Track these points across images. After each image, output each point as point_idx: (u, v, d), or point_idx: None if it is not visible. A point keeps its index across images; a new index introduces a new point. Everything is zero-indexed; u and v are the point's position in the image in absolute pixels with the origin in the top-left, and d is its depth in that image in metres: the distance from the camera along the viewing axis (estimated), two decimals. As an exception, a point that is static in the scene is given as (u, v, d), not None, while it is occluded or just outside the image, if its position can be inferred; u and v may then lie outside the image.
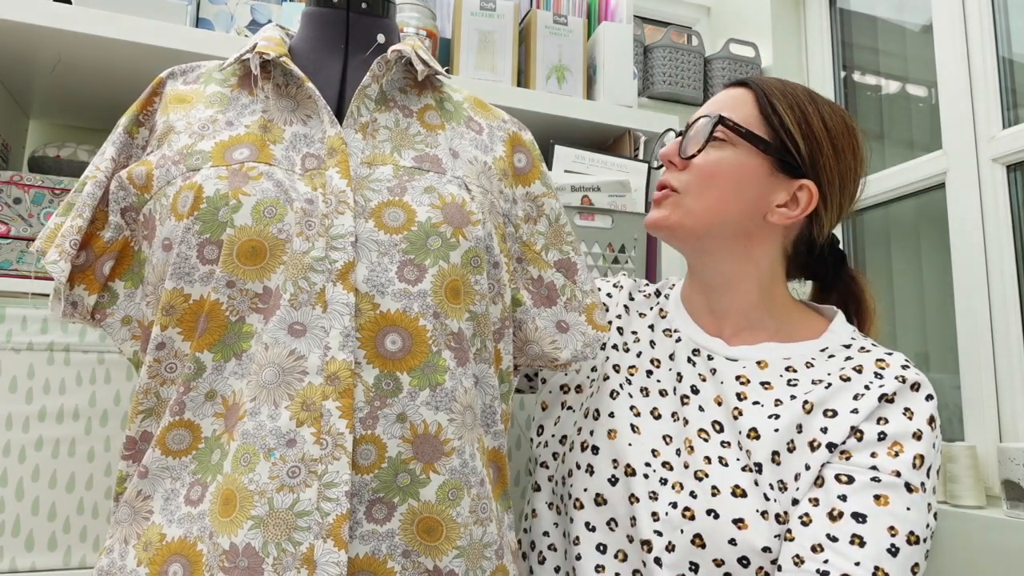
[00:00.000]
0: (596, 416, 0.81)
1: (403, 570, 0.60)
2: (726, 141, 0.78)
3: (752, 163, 0.78)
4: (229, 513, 0.57)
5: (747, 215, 0.79)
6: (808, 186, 0.78)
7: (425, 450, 0.62)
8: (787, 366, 0.77)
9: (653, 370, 0.83)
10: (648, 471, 0.75)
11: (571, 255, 0.80)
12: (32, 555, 0.88)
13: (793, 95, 0.79)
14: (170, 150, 0.69)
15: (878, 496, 0.66)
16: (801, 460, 0.70)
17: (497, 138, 0.79)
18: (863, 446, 0.69)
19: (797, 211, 0.78)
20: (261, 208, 0.64)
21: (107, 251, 0.70)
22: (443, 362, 0.65)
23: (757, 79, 0.82)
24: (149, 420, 0.65)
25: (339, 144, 0.68)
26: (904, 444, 0.68)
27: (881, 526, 0.65)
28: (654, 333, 0.87)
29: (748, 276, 0.81)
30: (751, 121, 0.78)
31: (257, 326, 0.63)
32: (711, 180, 0.78)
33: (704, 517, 0.70)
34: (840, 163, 0.79)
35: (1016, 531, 1.21)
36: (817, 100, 0.80)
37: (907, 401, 0.71)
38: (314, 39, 0.76)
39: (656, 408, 0.80)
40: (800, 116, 0.78)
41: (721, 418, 0.76)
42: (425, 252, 0.65)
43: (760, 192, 0.78)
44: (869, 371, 0.73)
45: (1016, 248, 1.42)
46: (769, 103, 0.78)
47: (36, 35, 1.03)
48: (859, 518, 0.66)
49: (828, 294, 0.88)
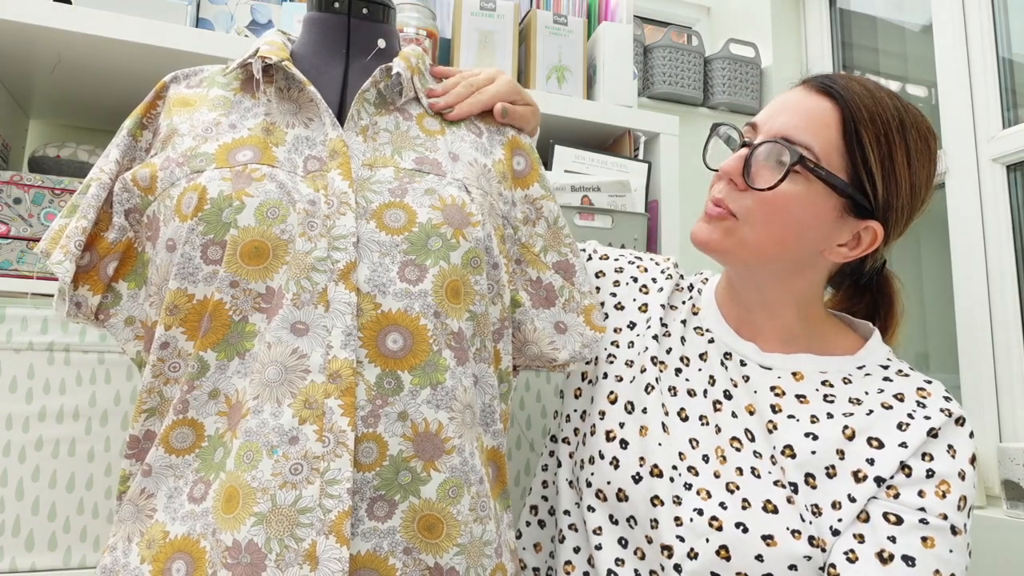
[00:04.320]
0: (630, 409, 0.78)
1: (404, 567, 0.60)
2: (799, 174, 0.71)
3: (823, 204, 0.72)
4: (232, 510, 0.58)
5: (804, 252, 0.74)
6: (874, 228, 0.73)
7: (426, 448, 0.63)
8: (823, 380, 0.75)
9: (682, 368, 0.80)
10: (674, 474, 0.73)
11: (569, 257, 0.81)
12: (32, 555, 0.88)
13: (883, 120, 0.71)
14: (174, 152, 0.70)
15: (925, 538, 0.66)
16: (843, 489, 0.69)
17: (496, 141, 0.80)
18: (911, 483, 0.68)
19: (858, 251, 0.74)
20: (264, 209, 0.64)
21: (111, 252, 0.70)
22: (444, 361, 0.65)
23: (845, 89, 0.72)
24: (153, 419, 0.66)
25: (341, 146, 0.69)
26: (951, 484, 0.68)
27: (928, 569, 0.65)
28: (686, 329, 0.84)
29: (788, 301, 0.78)
30: (831, 152, 0.71)
31: (260, 325, 0.64)
32: (775, 216, 0.72)
33: (732, 529, 0.69)
34: (914, 200, 0.74)
35: (1016, 531, 1.21)
36: (905, 125, 0.72)
37: (951, 437, 0.70)
38: (316, 44, 0.78)
39: (684, 409, 0.77)
40: (885, 153, 0.71)
41: (754, 428, 0.74)
42: (426, 253, 0.66)
43: (824, 233, 0.73)
44: (911, 399, 0.72)
45: (1016, 248, 1.42)
46: (856, 132, 0.71)
47: (36, 35, 1.03)
48: (909, 561, 0.65)
49: (862, 295, 0.86)
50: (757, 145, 0.73)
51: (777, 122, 0.73)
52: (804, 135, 0.71)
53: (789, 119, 0.73)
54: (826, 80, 0.74)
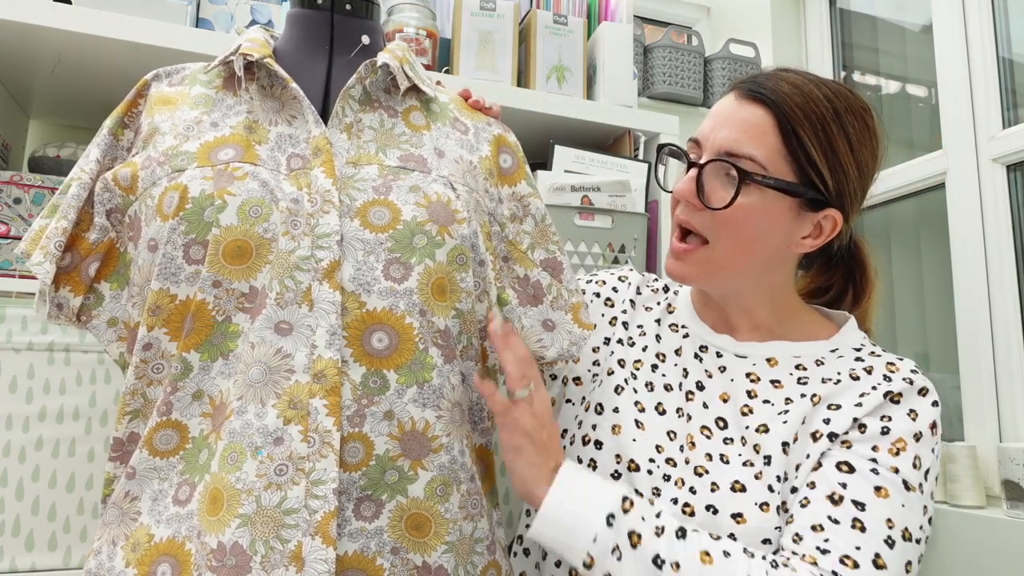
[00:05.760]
0: (600, 411, 0.81)
1: (392, 567, 0.60)
2: (751, 185, 0.73)
3: (779, 207, 0.74)
4: (216, 512, 0.58)
5: (772, 253, 0.77)
6: (833, 215, 0.75)
7: (413, 447, 0.63)
8: (797, 364, 0.77)
9: (658, 364, 0.83)
10: (652, 467, 0.75)
11: (557, 254, 0.81)
12: (32, 555, 0.88)
13: (817, 114, 0.73)
14: (155, 151, 0.69)
15: (879, 488, 0.67)
16: (803, 451, 0.71)
17: (483, 138, 0.79)
18: (865, 438, 0.70)
19: (822, 239, 0.77)
20: (247, 208, 0.64)
21: (92, 253, 0.70)
22: (430, 359, 0.65)
23: (775, 92, 0.74)
24: (136, 421, 0.66)
25: (324, 144, 0.68)
26: (906, 443, 0.69)
27: (880, 517, 0.66)
28: (660, 328, 0.86)
29: (762, 297, 0.80)
30: (775, 158, 0.73)
31: (243, 325, 0.63)
32: (738, 229, 0.74)
33: (704, 513, 0.70)
34: (864, 180, 0.77)
35: (1016, 531, 1.21)
36: (839, 112, 0.74)
37: (912, 403, 0.71)
38: (299, 40, 0.77)
39: (661, 403, 0.80)
40: (826, 146, 0.73)
41: (727, 415, 0.76)
42: (411, 250, 0.66)
43: (786, 231, 0.76)
44: (879, 373, 0.74)
45: (1016, 248, 1.42)
46: (794, 133, 0.72)
47: (36, 35, 1.03)
48: (859, 506, 0.66)
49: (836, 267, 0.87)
50: (703, 165, 0.75)
51: (718, 137, 0.75)
52: (746, 147, 0.73)
53: (729, 133, 0.74)
54: (754, 86, 0.76)
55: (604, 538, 0.63)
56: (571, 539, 0.64)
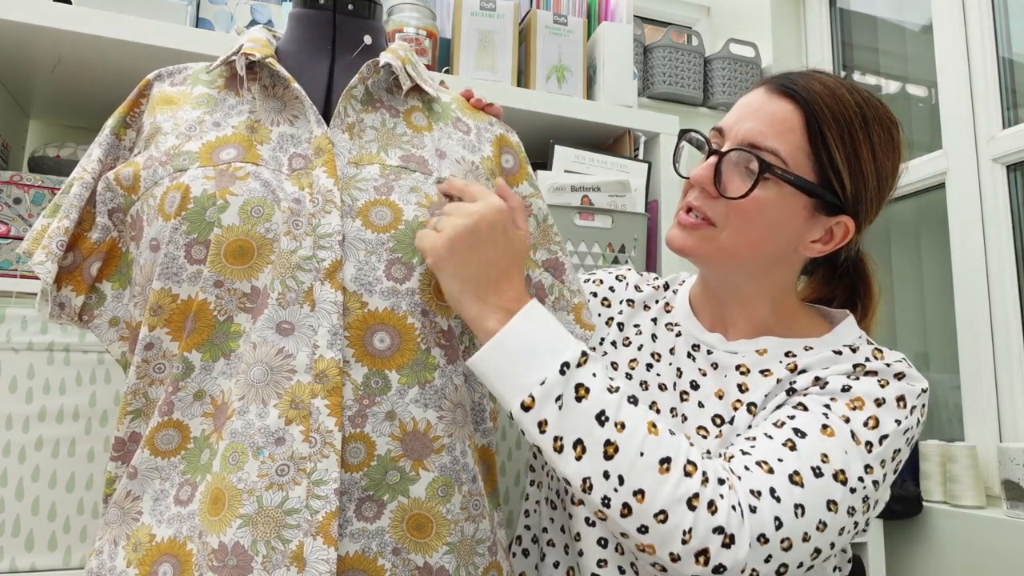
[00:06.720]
0: None
1: (393, 568, 0.60)
2: (769, 179, 0.72)
3: (794, 205, 0.73)
4: (218, 512, 0.58)
5: (779, 251, 0.76)
6: (846, 222, 0.75)
7: (415, 447, 0.63)
8: (786, 352, 0.77)
9: (653, 364, 0.83)
10: None
11: (559, 255, 0.80)
12: (32, 555, 0.88)
13: (845, 118, 0.72)
14: (157, 151, 0.69)
15: (825, 427, 0.66)
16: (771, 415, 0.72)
17: (485, 138, 0.79)
18: (823, 393, 0.70)
19: (831, 246, 0.76)
20: (248, 208, 0.64)
21: (94, 252, 0.70)
22: (433, 359, 0.65)
23: (807, 90, 0.73)
24: (138, 421, 0.66)
25: (326, 144, 0.68)
26: (864, 402, 0.68)
27: (815, 448, 0.65)
28: (656, 327, 0.86)
29: (763, 295, 0.80)
30: (798, 155, 0.72)
31: (245, 325, 0.63)
32: (750, 221, 0.74)
33: None
34: (882, 191, 0.76)
35: (1016, 531, 1.21)
36: (868, 120, 0.74)
37: (885, 377, 0.71)
38: (301, 40, 0.76)
39: (655, 403, 0.79)
40: (850, 151, 0.72)
41: (722, 411, 0.76)
42: (412, 251, 0.66)
43: (797, 231, 0.75)
44: (862, 354, 0.74)
45: (1016, 248, 1.42)
46: (820, 133, 0.72)
47: (36, 35, 1.03)
48: (799, 433, 0.66)
49: (840, 279, 0.86)
50: (725, 153, 0.74)
51: (743, 128, 0.74)
52: (770, 140, 0.72)
53: (754, 125, 0.74)
54: (787, 82, 0.75)
55: (552, 383, 0.62)
56: (518, 375, 0.62)
